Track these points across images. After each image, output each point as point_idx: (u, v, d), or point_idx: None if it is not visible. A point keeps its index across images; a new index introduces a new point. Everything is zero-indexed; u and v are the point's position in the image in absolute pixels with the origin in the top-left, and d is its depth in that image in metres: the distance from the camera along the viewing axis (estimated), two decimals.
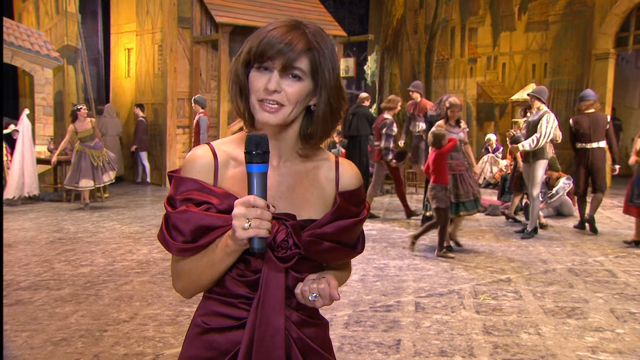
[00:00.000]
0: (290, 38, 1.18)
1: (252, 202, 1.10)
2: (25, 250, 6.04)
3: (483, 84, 13.85)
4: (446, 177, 5.80)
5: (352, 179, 1.34)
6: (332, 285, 1.22)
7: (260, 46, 1.19)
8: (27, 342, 3.57)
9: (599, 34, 11.26)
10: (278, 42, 1.18)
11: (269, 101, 1.19)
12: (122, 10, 12.32)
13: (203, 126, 8.88)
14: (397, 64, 15.43)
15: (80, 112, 8.29)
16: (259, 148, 1.12)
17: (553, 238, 6.90)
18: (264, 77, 1.20)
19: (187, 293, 1.30)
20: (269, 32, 1.20)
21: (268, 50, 1.18)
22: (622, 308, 4.31)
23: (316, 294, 1.22)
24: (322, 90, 1.23)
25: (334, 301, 1.23)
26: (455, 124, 6.36)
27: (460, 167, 6.08)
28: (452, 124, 6.33)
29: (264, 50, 1.18)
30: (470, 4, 13.87)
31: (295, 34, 1.19)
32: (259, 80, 1.20)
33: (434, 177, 5.82)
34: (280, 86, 1.19)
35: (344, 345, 3.53)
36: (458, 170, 6.04)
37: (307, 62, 1.20)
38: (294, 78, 1.20)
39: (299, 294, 1.24)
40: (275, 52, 1.18)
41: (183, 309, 4.16)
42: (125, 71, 12.49)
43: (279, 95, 1.19)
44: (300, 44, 1.19)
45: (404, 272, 5.27)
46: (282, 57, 1.18)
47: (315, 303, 1.23)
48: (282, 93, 1.19)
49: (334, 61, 1.24)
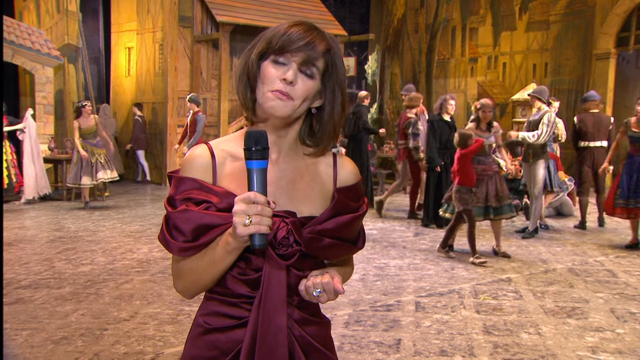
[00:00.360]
0: (311, 37, 1.21)
1: (252, 198, 1.10)
2: (26, 249, 6.04)
3: (484, 83, 13.85)
4: (472, 178, 5.56)
5: (350, 174, 1.35)
6: (336, 279, 1.22)
7: (281, 40, 1.21)
8: (27, 340, 3.57)
9: (599, 34, 11.25)
10: (300, 39, 1.20)
11: (282, 92, 1.21)
12: (122, 9, 12.32)
13: (200, 124, 8.87)
14: (397, 64, 15.42)
15: (84, 109, 8.30)
16: (259, 144, 1.12)
17: (553, 238, 6.90)
18: (280, 69, 1.21)
19: (188, 293, 1.30)
20: (289, 28, 1.22)
21: (289, 44, 1.20)
22: (622, 308, 4.31)
23: (320, 289, 1.21)
24: (336, 92, 1.26)
25: (338, 296, 1.23)
26: (486, 128, 5.94)
27: (487, 171, 5.80)
28: (483, 128, 5.92)
29: (285, 44, 1.20)
30: (471, 3, 13.86)
31: (315, 35, 1.22)
32: (275, 71, 1.21)
33: (459, 178, 5.59)
34: (296, 79, 1.21)
35: (344, 345, 3.53)
36: (484, 175, 5.76)
37: (323, 63, 1.23)
38: (307, 76, 1.22)
39: (303, 291, 1.23)
40: (296, 47, 1.20)
41: (183, 308, 4.16)
42: (125, 70, 12.49)
43: (292, 88, 1.21)
44: (321, 45, 1.22)
45: (405, 272, 5.27)
46: (303, 54, 1.20)
47: (319, 298, 1.22)
48: (296, 87, 1.21)
49: (343, 66, 1.28)
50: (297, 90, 1.21)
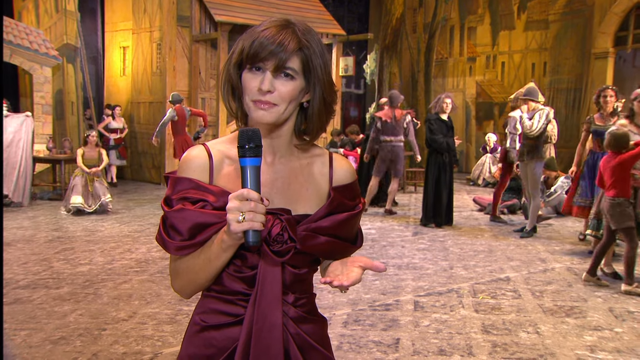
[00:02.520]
0: (281, 38, 1.20)
1: (245, 195, 1.11)
2: (24, 249, 6.03)
3: (482, 83, 13.86)
4: (629, 189, 4.70)
5: (346, 173, 1.36)
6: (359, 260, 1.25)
7: (252, 48, 1.20)
8: (25, 340, 3.57)
9: (598, 33, 11.26)
10: (270, 44, 1.19)
11: (263, 102, 1.21)
12: (116, 9, 12.29)
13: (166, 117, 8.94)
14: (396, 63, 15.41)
15: (89, 139, 8.27)
16: (252, 142, 1.13)
17: (552, 237, 6.90)
18: (257, 78, 1.21)
19: (185, 292, 1.31)
20: (260, 33, 1.21)
21: (260, 52, 1.19)
22: (620, 307, 4.32)
23: None
24: (316, 87, 1.25)
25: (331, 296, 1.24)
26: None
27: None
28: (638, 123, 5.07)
29: (256, 52, 1.20)
30: (470, 2, 13.87)
31: (286, 34, 1.21)
32: (252, 80, 1.21)
33: (616, 189, 4.67)
34: (273, 86, 1.20)
35: (342, 344, 3.53)
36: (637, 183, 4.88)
37: (298, 61, 1.22)
38: (286, 77, 1.21)
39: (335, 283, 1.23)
40: (267, 53, 1.19)
41: (182, 308, 4.16)
42: (120, 69, 12.46)
43: (272, 95, 1.21)
44: (292, 44, 1.20)
45: (403, 271, 5.27)
46: (274, 58, 1.19)
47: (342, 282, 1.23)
48: (276, 93, 1.21)
49: (324, 58, 1.26)
50: (277, 96, 1.21)
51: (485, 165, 11.96)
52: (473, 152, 13.99)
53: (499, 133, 12.90)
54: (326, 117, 1.30)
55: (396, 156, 8.11)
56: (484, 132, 13.18)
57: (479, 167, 12.14)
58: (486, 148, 12.06)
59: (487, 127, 13.68)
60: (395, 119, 8.07)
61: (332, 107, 1.30)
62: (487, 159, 11.96)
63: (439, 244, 6.48)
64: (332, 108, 1.30)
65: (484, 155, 12.08)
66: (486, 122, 13.90)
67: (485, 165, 11.96)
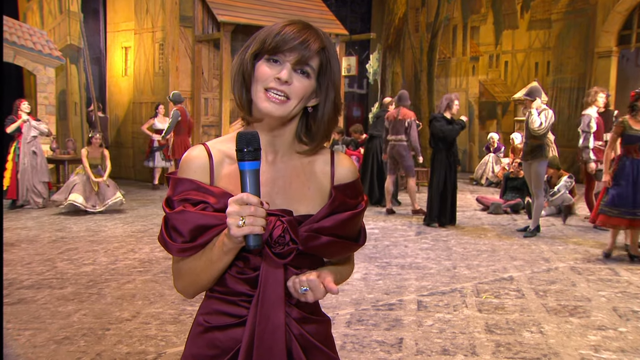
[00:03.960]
0: (306, 36, 1.21)
1: (245, 199, 1.11)
2: (28, 249, 6.05)
3: (485, 82, 13.84)
4: None
5: (348, 172, 1.35)
6: (323, 277, 1.22)
7: (275, 39, 1.21)
8: (29, 340, 3.58)
9: (601, 32, 11.24)
10: (294, 39, 1.20)
11: (277, 91, 1.21)
12: (118, 9, 12.30)
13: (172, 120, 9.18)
14: (399, 63, 15.42)
15: (93, 140, 8.30)
16: (250, 145, 1.13)
17: (555, 236, 6.89)
18: (274, 68, 1.22)
19: (188, 293, 1.31)
20: (283, 27, 1.22)
21: (283, 44, 1.20)
22: (624, 306, 4.31)
23: (306, 287, 1.21)
24: (329, 90, 1.27)
25: (325, 295, 1.23)
26: None
27: None
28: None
29: (279, 44, 1.20)
30: (472, 2, 13.85)
31: (309, 34, 1.22)
32: (269, 70, 1.22)
33: None
34: (291, 78, 1.21)
35: (346, 344, 3.53)
36: None
37: (318, 61, 1.24)
38: (303, 74, 1.22)
39: (291, 287, 1.24)
40: (290, 47, 1.20)
41: (185, 308, 4.17)
42: (122, 70, 12.47)
43: (288, 87, 1.21)
44: (315, 44, 1.22)
45: (406, 271, 5.27)
46: (298, 53, 1.21)
47: (306, 296, 1.22)
48: (292, 86, 1.21)
49: (338, 64, 1.28)
50: (293, 89, 1.21)
51: (489, 165, 11.94)
52: (476, 151, 13.97)
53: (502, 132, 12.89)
54: (334, 123, 1.31)
55: (398, 154, 8.14)
56: (487, 131, 13.16)
57: (482, 167, 12.13)
58: (489, 148, 12.05)
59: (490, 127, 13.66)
60: (397, 118, 8.09)
61: (339, 113, 1.31)
62: (490, 159, 11.95)
63: (442, 243, 6.47)
64: (339, 114, 1.31)
65: (488, 155, 12.06)
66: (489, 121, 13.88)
67: (489, 165, 11.94)
